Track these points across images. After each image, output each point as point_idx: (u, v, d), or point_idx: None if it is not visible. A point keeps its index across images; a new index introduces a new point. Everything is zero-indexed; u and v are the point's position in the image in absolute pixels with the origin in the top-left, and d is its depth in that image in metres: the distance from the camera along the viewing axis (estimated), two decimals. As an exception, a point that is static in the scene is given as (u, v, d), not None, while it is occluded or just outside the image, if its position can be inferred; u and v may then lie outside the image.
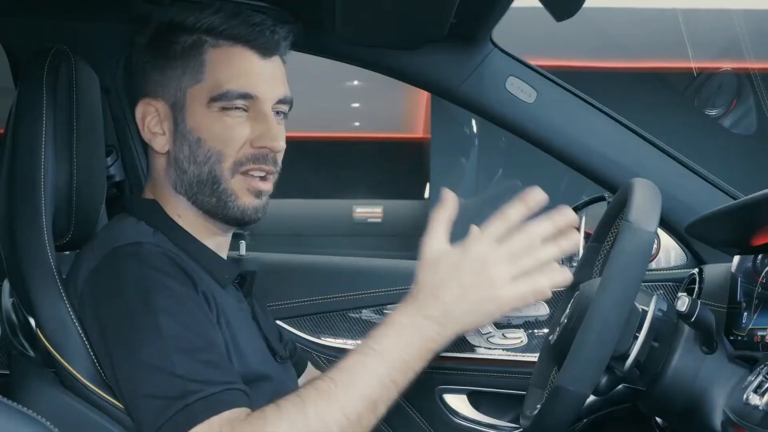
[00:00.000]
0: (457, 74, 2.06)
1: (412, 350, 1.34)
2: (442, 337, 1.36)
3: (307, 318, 2.24)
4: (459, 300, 1.35)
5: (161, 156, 1.61)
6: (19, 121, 1.54)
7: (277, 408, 1.31)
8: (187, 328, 1.38)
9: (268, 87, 1.59)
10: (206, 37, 1.58)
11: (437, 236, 1.39)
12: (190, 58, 1.57)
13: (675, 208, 2.03)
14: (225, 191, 1.56)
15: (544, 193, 1.38)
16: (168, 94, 1.59)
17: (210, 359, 1.37)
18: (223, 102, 1.55)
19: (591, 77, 5.46)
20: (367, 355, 1.34)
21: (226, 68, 1.57)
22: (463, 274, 1.35)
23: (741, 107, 6.64)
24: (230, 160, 1.55)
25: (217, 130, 1.56)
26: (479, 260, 1.35)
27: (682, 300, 1.48)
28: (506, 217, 1.37)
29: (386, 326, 1.36)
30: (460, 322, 1.36)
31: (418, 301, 1.36)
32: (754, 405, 1.37)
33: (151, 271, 1.43)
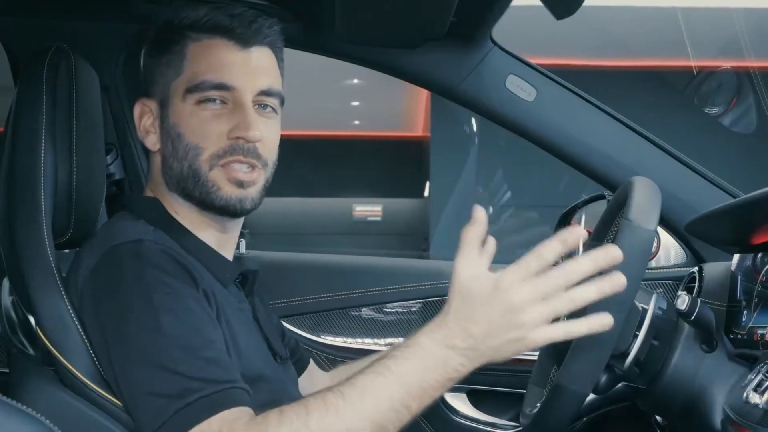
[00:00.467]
0: (457, 73, 2.06)
1: (431, 378, 1.28)
2: (465, 369, 1.29)
3: (307, 316, 2.24)
4: (486, 336, 1.27)
5: (156, 154, 1.61)
6: (19, 120, 1.54)
7: (279, 414, 1.29)
8: (187, 325, 1.38)
9: (246, 78, 1.57)
10: (189, 32, 1.58)
11: (471, 258, 1.30)
12: (174, 54, 1.58)
13: (675, 207, 2.03)
14: (205, 184, 1.55)
15: (585, 231, 1.30)
16: (157, 92, 1.59)
17: (211, 357, 1.37)
18: (198, 94, 1.55)
19: (590, 76, 5.47)
20: (383, 376, 1.28)
21: (204, 60, 1.56)
22: (493, 313, 1.26)
23: (741, 106, 6.64)
24: (207, 153, 1.54)
25: (194, 124, 1.55)
26: (510, 303, 1.26)
27: (682, 298, 1.48)
28: (541, 256, 1.26)
29: (408, 348, 1.30)
30: (484, 356, 1.29)
31: (447, 329, 1.29)
32: (754, 403, 1.37)
33: (151, 269, 1.43)
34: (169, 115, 1.57)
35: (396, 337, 2.28)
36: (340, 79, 8.38)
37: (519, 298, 1.25)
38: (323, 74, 7.43)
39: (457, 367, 1.29)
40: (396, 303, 2.30)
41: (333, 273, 2.35)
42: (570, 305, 1.26)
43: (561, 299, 1.25)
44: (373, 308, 2.28)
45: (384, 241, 9.40)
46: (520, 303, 1.25)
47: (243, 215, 1.61)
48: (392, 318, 2.30)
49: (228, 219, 1.61)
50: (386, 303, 2.27)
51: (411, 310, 2.29)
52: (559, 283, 1.25)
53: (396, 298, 2.29)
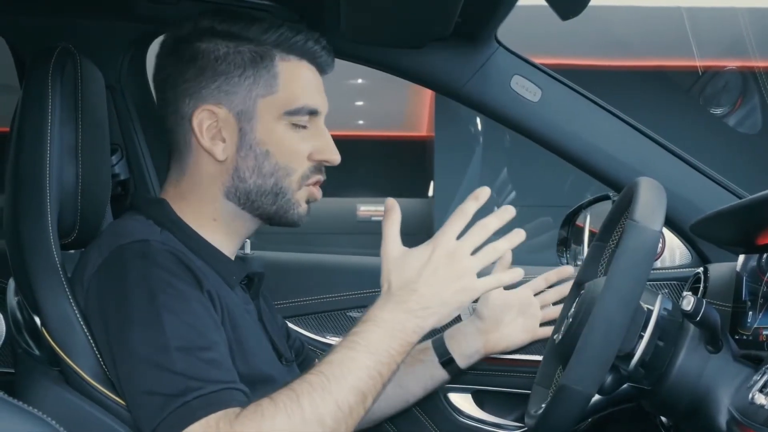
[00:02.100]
0: (461, 73, 2.05)
1: (395, 343, 1.41)
2: (421, 329, 1.43)
3: (312, 316, 2.24)
4: (436, 292, 1.43)
5: (216, 162, 1.60)
6: (24, 120, 1.55)
7: (272, 401, 1.33)
8: (189, 326, 1.39)
9: (325, 103, 1.66)
10: (275, 49, 1.60)
11: (394, 239, 1.50)
12: (262, 69, 1.59)
13: (680, 207, 2.03)
14: (289, 201, 1.61)
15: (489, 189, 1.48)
16: (234, 102, 1.59)
17: (211, 358, 1.38)
18: (295, 117, 1.60)
19: (596, 76, 5.46)
20: (354, 350, 1.39)
21: (298, 82, 1.61)
22: (437, 268, 1.43)
23: (746, 106, 6.63)
24: (297, 174, 1.61)
25: (287, 145, 1.60)
26: (450, 253, 1.44)
27: (687, 299, 1.48)
28: (464, 213, 1.47)
29: (368, 322, 1.42)
30: (437, 313, 1.44)
31: (396, 297, 1.43)
32: (760, 404, 1.37)
33: (157, 269, 1.43)
34: (254, 130, 1.59)
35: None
36: (343, 79, 8.37)
37: (456, 250, 1.45)
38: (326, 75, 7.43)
39: (414, 329, 1.43)
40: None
41: (338, 273, 2.35)
42: (494, 254, 1.46)
43: (486, 249, 1.46)
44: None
45: (388, 241, 9.36)
46: (458, 254, 1.44)
47: None
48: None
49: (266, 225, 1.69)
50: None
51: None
52: (481, 235, 1.46)
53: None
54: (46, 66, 1.55)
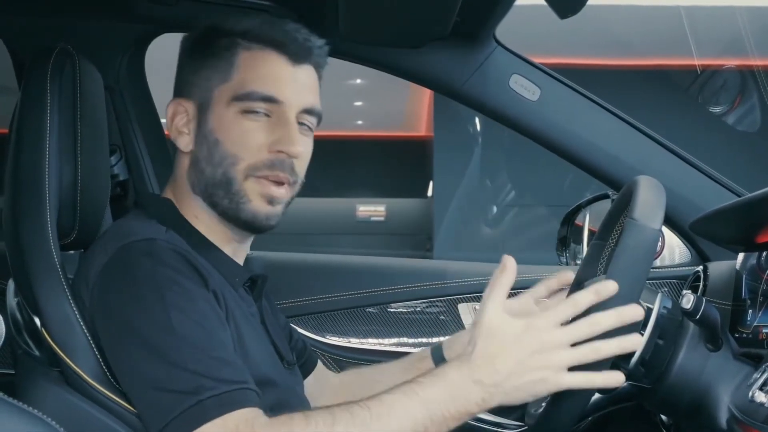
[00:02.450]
0: (460, 72, 2.06)
1: (453, 408, 1.33)
2: (485, 403, 1.34)
3: (312, 317, 2.24)
4: (512, 374, 1.33)
5: (185, 156, 1.61)
6: (23, 121, 1.54)
7: (305, 417, 1.31)
8: (198, 325, 1.39)
9: (294, 94, 1.58)
10: (240, 39, 1.58)
11: (497, 303, 1.37)
12: (222, 59, 1.58)
13: (679, 206, 2.03)
14: (238, 193, 1.55)
15: (617, 285, 1.34)
16: (197, 95, 1.59)
17: (222, 357, 1.37)
18: (245, 103, 1.55)
19: (594, 75, 5.46)
20: (409, 397, 1.33)
21: (254, 70, 1.57)
22: (523, 351, 1.33)
23: (744, 104, 6.63)
24: (244, 164, 1.55)
25: (235, 133, 1.55)
26: (542, 342, 1.33)
27: (687, 297, 1.48)
28: (576, 303, 1.35)
29: (436, 377, 1.35)
30: (508, 395, 1.34)
31: (473, 363, 1.34)
32: (760, 402, 1.37)
33: (163, 268, 1.43)
34: (208, 120, 1.57)
35: (400, 337, 2.28)
36: (342, 79, 8.38)
37: (551, 340, 1.32)
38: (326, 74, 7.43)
39: (478, 401, 1.33)
40: (400, 303, 2.30)
41: (337, 273, 2.35)
42: (595, 355, 1.32)
43: (587, 348, 1.33)
44: (378, 308, 2.28)
45: (387, 241, 9.40)
46: (552, 345, 1.32)
47: (265, 231, 1.61)
48: (396, 318, 2.30)
49: (249, 233, 1.62)
50: (390, 303, 2.27)
51: (415, 310, 2.29)
52: (588, 331, 1.33)
53: (400, 298, 2.29)
54: (45, 67, 1.55)
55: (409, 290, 2.27)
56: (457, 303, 2.23)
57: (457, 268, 2.35)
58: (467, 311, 2.21)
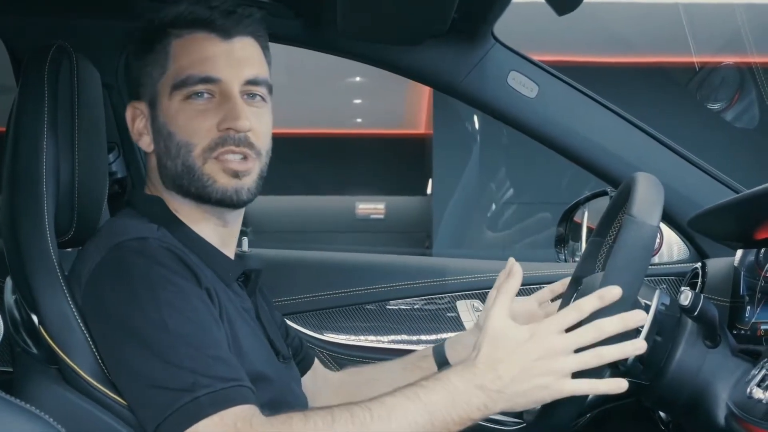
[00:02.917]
0: (458, 69, 2.06)
1: (455, 413, 1.33)
2: (488, 410, 1.34)
3: (310, 314, 2.24)
4: (516, 380, 1.33)
5: (151, 155, 1.62)
6: (21, 118, 1.54)
7: (304, 417, 1.31)
8: (193, 323, 1.39)
9: (231, 69, 1.56)
10: (170, 29, 1.58)
11: (503, 308, 1.38)
12: (158, 53, 1.58)
13: (677, 202, 2.03)
14: (200, 178, 1.55)
15: (621, 290, 1.35)
16: (146, 94, 1.60)
17: (217, 354, 1.37)
18: (184, 89, 1.55)
19: (592, 72, 5.46)
20: (411, 401, 1.33)
21: (187, 55, 1.56)
22: (527, 357, 1.33)
23: (743, 101, 6.63)
24: (199, 148, 1.54)
25: (183, 120, 1.55)
26: (546, 348, 1.34)
27: (685, 294, 1.48)
28: (580, 309, 1.36)
29: (438, 381, 1.35)
30: (510, 401, 1.35)
31: (477, 370, 1.34)
32: (758, 399, 1.37)
33: (156, 266, 1.43)
34: (158, 115, 1.58)
35: (399, 334, 2.28)
36: (342, 76, 8.37)
37: (555, 346, 1.33)
38: (325, 72, 7.42)
39: (480, 407, 1.34)
40: (398, 300, 2.30)
41: (336, 270, 2.35)
42: (598, 361, 1.34)
43: (591, 354, 1.33)
44: (376, 305, 2.27)
45: (387, 239, 9.40)
46: (556, 351, 1.33)
47: (241, 206, 1.60)
48: (395, 315, 2.30)
49: (227, 211, 1.61)
50: (389, 300, 2.27)
51: (414, 308, 2.29)
52: (592, 337, 1.33)
53: (398, 296, 2.29)
54: (42, 64, 1.55)
55: (408, 287, 2.27)
56: (456, 300, 2.23)
57: (455, 266, 2.34)
58: (466, 308, 2.21)
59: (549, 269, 2.24)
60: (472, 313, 2.21)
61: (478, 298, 2.21)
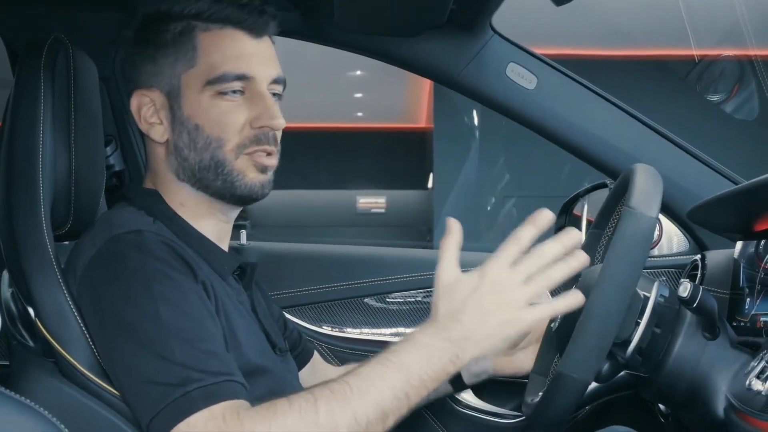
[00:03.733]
0: (457, 61, 2.05)
1: (429, 369, 1.35)
2: (460, 360, 1.37)
3: (308, 307, 2.24)
4: (479, 323, 1.36)
5: (160, 145, 1.60)
6: (17, 110, 1.54)
7: (288, 402, 1.32)
8: (187, 317, 1.39)
9: (262, 67, 1.58)
10: (195, 22, 1.57)
11: (449, 263, 1.41)
12: (182, 45, 1.57)
13: (677, 194, 2.03)
14: (231, 173, 1.56)
15: (552, 213, 1.39)
16: (162, 83, 1.58)
17: (210, 349, 1.37)
18: (219, 85, 1.55)
19: (591, 65, 5.45)
20: (385, 366, 1.35)
21: (219, 51, 1.56)
22: (482, 298, 1.37)
23: (742, 93, 6.62)
24: (231, 144, 1.55)
25: (214, 116, 1.55)
26: (497, 284, 1.37)
27: (684, 286, 1.47)
28: (519, 240, 1.38)
29: (407, 342, 1.37)
30: (479, 345, 1.37)
31: (439, 324, 1.38)
32: (757, 390, 1.36)
33: (152, 260, 1.43)
34: (182, 107, 1.56)
35: (398, 327, 2.28)
36: (342, 70, 8.37)
37: (506, 279, 1.36)
38: (326, 66, 7.42)
39: (452, 358, 1.36)
40: (398, 293, 2.29)
41: (334, 263, 2.35)
42: (549, 282, 1.37)
43: (541, 278, 1.37)
44: (375, 298, 2.27)
45: (388, 233, 9.40)
46: (508, 283, 1.36)
47: (261, 199, 1.62)
48: (394, 308, 2.29)
49: (237, 207, 1.63)
50: (388, 293, 2.26)
51: (413, 300, 2.28)
52: (537, 263, 1.37)
53: (397, 288, 2.29)
54: (38, 56, 1.54)
55: (407, 280, 2.26)
56: (455, 293, 2.22)
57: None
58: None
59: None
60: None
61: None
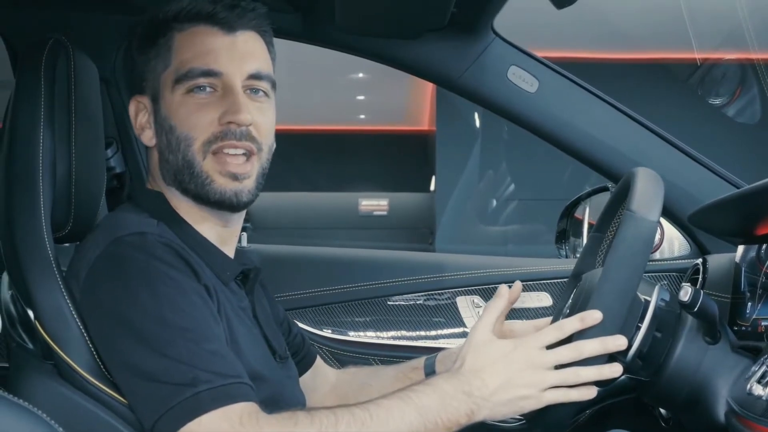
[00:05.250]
0: (458, 64, 2.05)
1: (445, 416, 1.39)
2: (473, 415, 1.41)
3: (309, 310, 2.23)
4: (500, 388, 1.41)
5: (153, 150, 1.60)
6: (17, 112, 1.54)
7: (309, 415, 1.34)
8: (191, 318, 1.38)
9: (233, 62, 1.55)
10: (174, 23, 1.57)
11: (487, 324, 1.48)
12: (161, 47, 1.57)
13: (678, 198, 2.02)
14: (200, 175, 1.53)
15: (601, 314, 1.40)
16: (148, 88, 1.58)
17: (216, 350, 1.37)
18: (186, 83, 1.53)
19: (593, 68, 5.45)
20: (405, 403, 1.38)
21: (190, 48, 1.55)
22: (510, 366, 1.42)
23: (744, 96, 6.62)
24: (198, 142, 1.53)
25: (184, 114, 1.54)
26: (529, 360, 1.41)
27: (685, 290, 1.47)
28: (561, 328, 1.43)
29: (429, 386, 1.41)
30: (494, 409, 1.42)
31: (462, 377, 1.42)
32: (758, 395, 1.36)
33: (155, 261, 1.43)
34: (161, 109, 1.56)
35: (399, 330, 2.27)
36: (345, 73, 8.37)
37: (538, 358, 1.41)
38: (328, 68, 7.42)
39: (467, 412, 1.40)
40: (399, 296, 2.29)
41: (335, 266, 2.34)
42: (575, 379, 1.41)
43: (569, 371, 1.41)
44: (376, 301, 2.26)
45: (390, 236, 9.41)
46: (539, 363, 1.41)
47: (241, 209, 1.59)
48: (395, 311, 2.29)
49: (227, 213, 1.60)
50: (389, 296, 2.26)
51: (414, 303, 2.28)
52: (570, 356, 1.41)
53: (399, 291, 2.28)
54: (39, 58, 1.54)
55: (408, 283, 2.26)
56: (456, 296, 2.22)
57: (456, 261, 2.34)
58: (466, 304, 2.20)
59: (550, 265, 2.24)
60: (472, 309, 2.20)
61: (478, 294, 2.21)
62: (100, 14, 2.05)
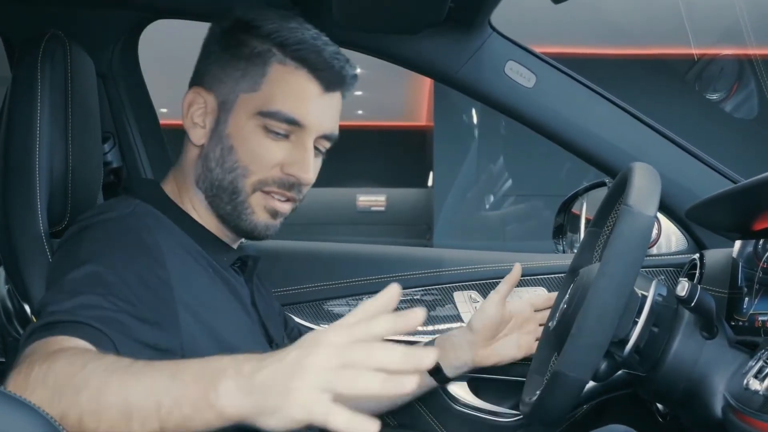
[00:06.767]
0: (455, 59, 2.04)
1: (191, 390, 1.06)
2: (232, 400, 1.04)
3: (307, 305, 2.23)
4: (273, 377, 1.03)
5: (195, 147, 1.59)
6: (14, 107, 1.54)
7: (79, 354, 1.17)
8: (115, 275, 1.32)
9: (317, 120, 1.56)
10: (276, 50, 1.54)
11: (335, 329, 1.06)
12: (254, 65, 1.54)
13: (675, 193, 2.02)
14: (242, 203, 1.55)
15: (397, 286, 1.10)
16: (221, 92, 1.56)
17: (105, 297, 1.28)
18: (268, 120, 1.53)
19: (590, 63, 5.45)
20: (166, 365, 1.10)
21: (284, 88, 1.54)
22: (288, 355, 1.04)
23: (742, 92, 6.62)
24: (255, 178, 1.54)
25: (252, 145, 1.53)
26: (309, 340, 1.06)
27: (682, 285, 1.47)
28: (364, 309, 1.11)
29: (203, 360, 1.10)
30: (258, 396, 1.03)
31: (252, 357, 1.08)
32: (755, 390, 1.36)
33: (111, 241, 1.40)
34: (227, 122, 1.55)
35: (396, 325, 2.27)
36: (342, 68, 8.36)
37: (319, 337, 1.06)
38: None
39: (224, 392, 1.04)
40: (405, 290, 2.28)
41: (333, 261, 2.34)
42: (351, 389, 1.01)
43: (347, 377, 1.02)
44: (374, 296, 2.26)
45: (388, 231, 9.42)
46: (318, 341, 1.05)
47: (259, 240, 1.61)
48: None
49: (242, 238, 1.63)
50: (386, 291, 2.26)
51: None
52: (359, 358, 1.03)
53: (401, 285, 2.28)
54: (35, 53, 1.54)
55: (405, 278, 2.26)
56: (453, 291, 2.22)
57: (453, 256, 2.33)
58: (463, 299, 2.20)
59: (548, 260, 2.24)
60: (470, 304, 2.20)
61: (475, 288, 2.20)
62: (97, 9, 2.05)
